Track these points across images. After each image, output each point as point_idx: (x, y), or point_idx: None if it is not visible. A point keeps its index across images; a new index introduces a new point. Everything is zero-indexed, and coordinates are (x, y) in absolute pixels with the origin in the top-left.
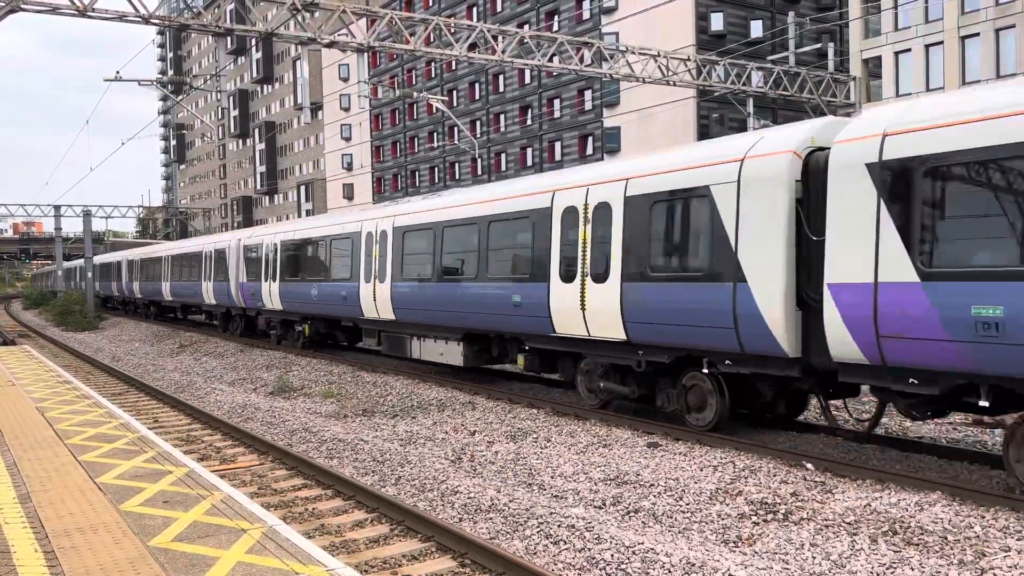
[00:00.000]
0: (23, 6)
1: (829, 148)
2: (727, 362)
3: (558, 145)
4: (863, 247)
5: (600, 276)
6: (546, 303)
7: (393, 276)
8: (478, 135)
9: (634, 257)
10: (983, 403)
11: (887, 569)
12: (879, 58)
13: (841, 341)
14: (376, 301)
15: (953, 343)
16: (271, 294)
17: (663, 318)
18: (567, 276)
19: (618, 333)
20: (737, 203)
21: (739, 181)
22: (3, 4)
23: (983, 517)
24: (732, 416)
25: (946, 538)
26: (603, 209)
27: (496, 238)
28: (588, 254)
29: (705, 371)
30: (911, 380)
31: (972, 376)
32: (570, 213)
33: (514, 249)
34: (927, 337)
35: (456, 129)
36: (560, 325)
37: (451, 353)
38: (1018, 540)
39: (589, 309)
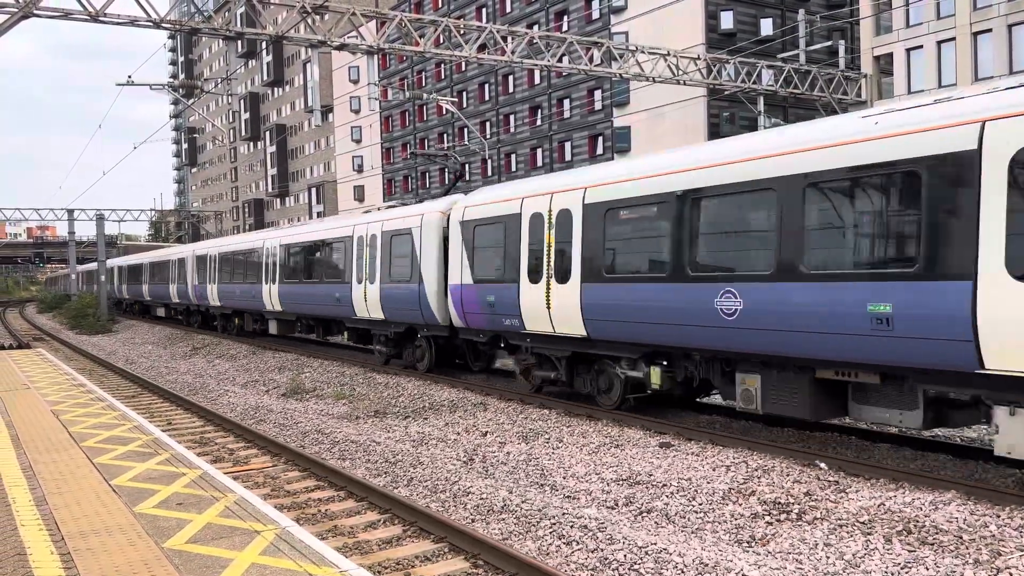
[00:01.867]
0: (36, 12)
1: None
2: None
3: (568, 145)
4: None
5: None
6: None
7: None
8: (488, 136)
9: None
10: None
11: (901, 569)
12: (891, 55)
13: None
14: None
15: None
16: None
17: None
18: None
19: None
20: None
21: None
22: (15, 10)
23: (999, 516)
24: (753, 417)
25: (961, 537)
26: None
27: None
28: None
29: None
30: None
31: None
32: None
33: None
34: None
35: (466, 130)
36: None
37: None
38: None
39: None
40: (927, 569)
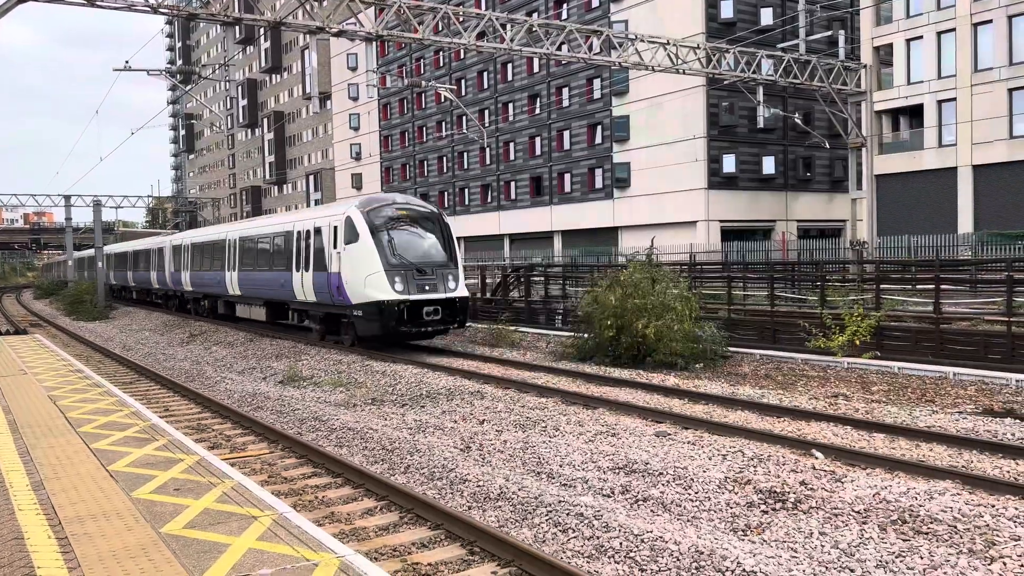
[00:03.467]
0: None
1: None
2: None
3: (567, 134)
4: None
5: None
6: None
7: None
8: (487, 124)
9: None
10: None
11: (896, 558)
12: (890, 45)
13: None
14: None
15: None
16: None
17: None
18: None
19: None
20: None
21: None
22: None
23: (993, 506)
24: (750, 407)
25: (955, 527)
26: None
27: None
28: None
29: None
30: None
31: None
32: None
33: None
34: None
35: (465, 118)
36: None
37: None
38: None
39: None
40: (921, 558)
